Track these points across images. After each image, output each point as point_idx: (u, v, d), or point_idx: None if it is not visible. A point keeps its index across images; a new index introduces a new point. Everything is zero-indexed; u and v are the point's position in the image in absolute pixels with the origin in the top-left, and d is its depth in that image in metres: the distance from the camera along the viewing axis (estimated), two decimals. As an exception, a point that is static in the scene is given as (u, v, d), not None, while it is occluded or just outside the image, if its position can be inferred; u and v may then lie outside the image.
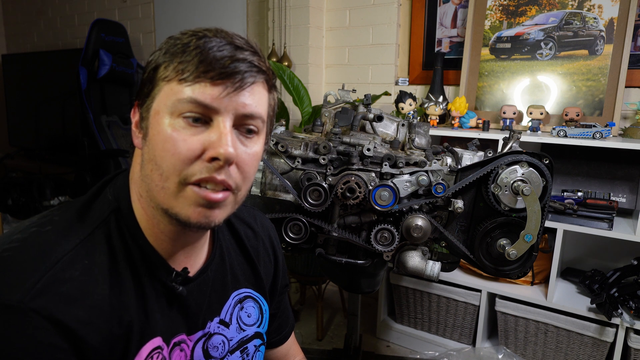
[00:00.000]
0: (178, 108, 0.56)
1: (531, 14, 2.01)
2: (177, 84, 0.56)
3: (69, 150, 3.26)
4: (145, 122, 0.59)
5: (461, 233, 1.19)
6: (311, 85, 2.46)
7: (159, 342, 0.63)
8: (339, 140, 1.20)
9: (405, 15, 2.36)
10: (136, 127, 0.61)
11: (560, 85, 1.96)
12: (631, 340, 1.64)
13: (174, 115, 0.56)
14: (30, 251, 0.56)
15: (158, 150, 0.56)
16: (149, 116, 0.58)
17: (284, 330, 0.93)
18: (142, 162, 0.60)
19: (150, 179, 0.58)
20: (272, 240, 0.88)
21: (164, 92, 0.57)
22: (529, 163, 1.08)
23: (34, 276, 0.53)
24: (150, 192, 0.59)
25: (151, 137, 0.58)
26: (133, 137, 0.62)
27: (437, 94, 2.10)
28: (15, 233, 0.58)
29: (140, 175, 0.61)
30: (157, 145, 0.57)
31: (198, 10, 2.99)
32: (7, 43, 4.25)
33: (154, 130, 0.57)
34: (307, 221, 1.19)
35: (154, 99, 0.58)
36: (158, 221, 0.62)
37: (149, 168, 0.58)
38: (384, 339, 2.20)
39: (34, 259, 0.55)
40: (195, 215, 0.58)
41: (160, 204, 0.59)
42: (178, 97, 0.56)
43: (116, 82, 2.99)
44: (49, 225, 0.59)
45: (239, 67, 0.57)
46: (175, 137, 0.56)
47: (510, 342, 1.93)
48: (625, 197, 1.83)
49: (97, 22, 2.91)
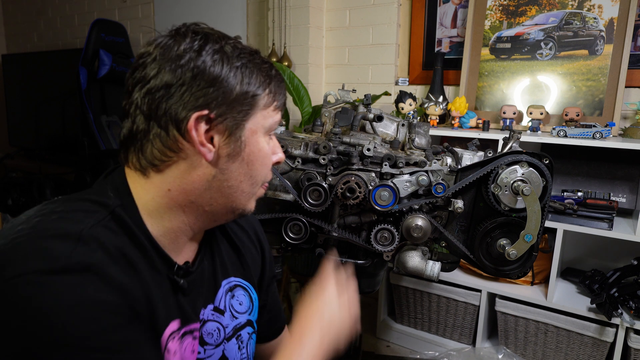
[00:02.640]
0: (272, 128, 0.68)
1: (531, 14, 2.01)
2: (272, 110, 0.67)
3: (69, 150, 3.25)
4: (238, 142, 0.64)
5: (461, 233, 1.19)
6: (311, 85, 2.46)
7: (176, 326, 0.65)
8: (339, 140, 1.20)
9: (405, 15, 2.36)
10: (208, 142, 0.62)
11: (560, 85, 1.96)
12: (631, 340, 1.64)
13: (266, 135, 0.68)
14: (47, 232, 0.55)
15: (257, 165, 0.67)
16: (243, 135, 0.64)
17: (275, 325, 0.95)
18: (221, 175, 0.64)
19: (235, 189, 0.66)
20: (257, 233, 0.90)
21: (262, 116, 0.65)
22: (529, 163, 1.08)
23: (68, 243, 0.54)
24: (223, 198, 0.66)
25: (249, 154, 0.65)
26: (201, 150, 0.61)
27: (437, 94, 2.10)
28: (17, 226, 0.57)
29: (205, 186, 0.64)
30: (257, 160, 0.66)
31: (198, 10, 2.99)
32: (7, 43, 4.25)
33: (253, 148, 0.65)
34: (307, 221, 1.19)
35: (247, 120, 0.64)
36: (190, 220, 0.67)
37: (238, 180, 0.66)
38: (384, 339, 2.20)
39: (56, 236, 0.55)
40: (253, 205, 0.72)
41: (235, 205, 0.68)
42: (275, 120, 0.68)
43: (116, 82, 2.99)
44: (53, 215, 0.59)
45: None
46: (268, 152, 0.69)
47: (510, 342, 1.93)
48: (625, 197, 1.83)
49: (97, 22, 2.90)
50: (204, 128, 0.61)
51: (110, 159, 2.76)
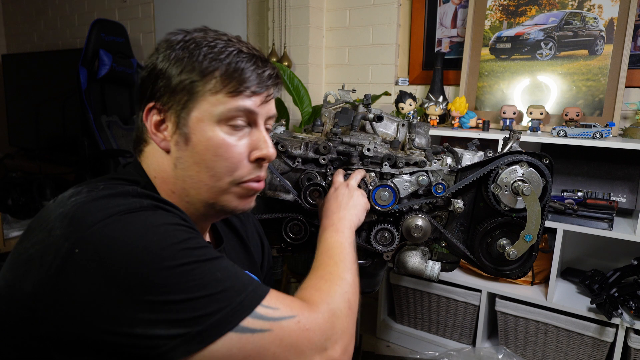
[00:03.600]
0: (227, 116, 0.64)
1: (531, 14, 2.01)
2: (225, 96, 0.63)
3: (69, 150, 3.26)
4: (183, 128, 0.64)
5: (461, 233, 1.19)
6: (311, 85, 2.46)
7: None
8: (339, 140, 1.20)
9: (405, 15, 2.36)
10: (156, 130, 0.66)
11: (560, 85, 1.96)
12: (631, 340, 1.64)
13: (222, 123, 0.64)
14: (106, 194, 0.57)
15: (209, 155, 0.64)
16: (189, 123, 0.64)
17: None
18: (179, 164, 0.65)
19: (196, 179, 0.65)
20: (256, 226, 0.99)
21: (209, 102, 0.63)
22: (529, 163, 1.08)
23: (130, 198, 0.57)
24: (191, 189, 0.66)
25: (196, 143, 0.64)
26: (157, 138, 0.66)
27: (437, 94, 2.10)
28: (67, 198, 0.57)
29: (172, 175, 0.66)
30: (208, 150, 0.64)
31: (198, 10, 2.99)
32: (7, 43, 4.25)
33: (199, 136, 0.64)
34: (307, 221, 1.19)
35: (193, 108, 0.63)
36: (190, 214, 0.67)
37: (195, 170, 0.65)
38: (384, 339, 2.20)
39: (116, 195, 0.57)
40: (242, 204, 0.69)
41: (204, 199, 0.67)
42: (228, 107, 0.63)
43: (116, 82, 2.99)
44: (99, 185, 0.60)
45: (270, 81, 0.67)
46: (229, 142, 0.64)
47: (510, 342, 1.93)
48: (625, 197, 1.83)
49: (97, 22, 2.90)
50: (156, 118, 0.66)
51: (110, 159, 2.76)
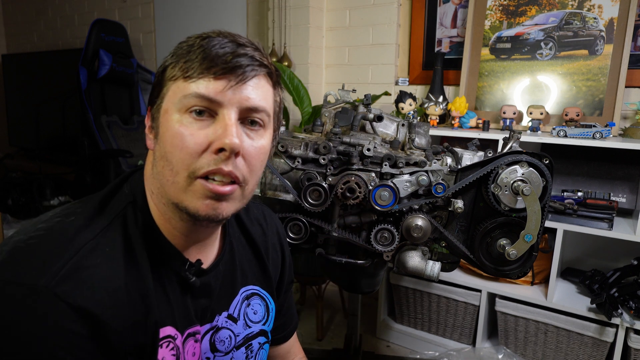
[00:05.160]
0: (185, 104, 0.59)
1: (531, 14, 2.01)
2: (182, 82, 0.59)
3: (69, 150, 3.26)
4: (156, 122, 0.62)
5: (461, 233, 1.19)
6: (311, 85, 2.46)
7: (171, 331, 0.64)
8: (339, 140, 1.20)
9: (405, 15, 2.36)
10: (149, 130, 0.65)
11: (560, 85, 1.96)
12: (631, 340, 1.64)
13: (182, 112, 0.59)
14: (55, 239, 0.58)
15: (168, 147, 0.59)
16: (159, 116, 0.62)
17: (288, 327, 0.94)
18: (154, 160, 0.63)
19: (162, 175, 0.61)
20: (280, 237, 0.90)
21: (172, 91, 0.60)
22: (529, 163, 1.08)
23: (59, 262, 0.55)
24: (162, 188, 0.62)
25: (161, 135, 0.61)
26: (146, 139, 0.65)
27: (437, 94, 2.10)
28: (40, 222, 0.61)
29: (152, 174, 0.64)
30: (167, 141, 0.59)
31: (198, 10, 2.99)
32: (7, 43, 4.25)
33: (163, 128, 0.60)
34: (307, 221, 1.19)
35: (163, 99, 0.61)
36: (170, 217, 0.64)
37: (161, 165, 0.61)
38: (384, 339, 2.20)
39: (58, 246, 0.57)
40: (204, 208, 0.60)
41: (171, 198, 0.61)
42: (184, 94, 0.58)
43: (116, 82, 2.99)
44: (72, 216, 0.62)
45: (241, 62, 0.59)
46: (183, 131, 0.58)
47: (510, 342, 1.93)
48: (625, 197, 1.83)
49: (97, 22, 2.91)
50: (149, 123, 0.65)
51: (110, 159, 2.76)
